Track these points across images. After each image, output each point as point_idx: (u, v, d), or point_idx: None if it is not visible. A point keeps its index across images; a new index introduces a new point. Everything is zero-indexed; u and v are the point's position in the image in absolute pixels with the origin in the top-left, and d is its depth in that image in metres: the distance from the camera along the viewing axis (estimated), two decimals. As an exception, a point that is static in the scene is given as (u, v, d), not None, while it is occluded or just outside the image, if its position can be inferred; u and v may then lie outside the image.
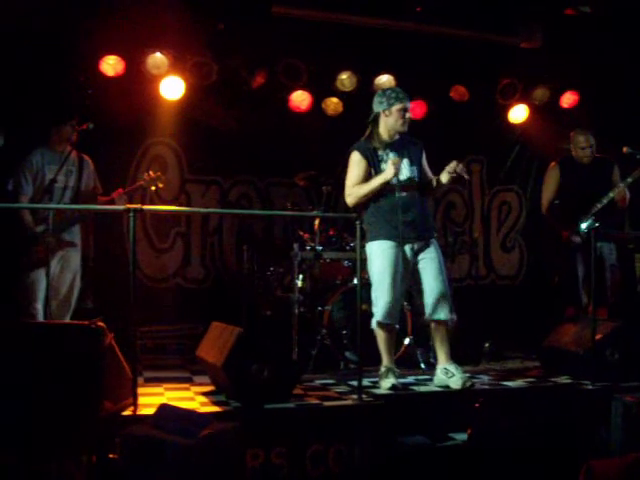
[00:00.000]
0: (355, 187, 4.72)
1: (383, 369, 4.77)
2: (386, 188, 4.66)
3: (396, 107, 4.68)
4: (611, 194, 5.59)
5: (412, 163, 4.78)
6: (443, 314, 4.69)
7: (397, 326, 4.80)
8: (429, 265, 4.71)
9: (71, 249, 5.19)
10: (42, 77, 5.82)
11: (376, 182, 4.65)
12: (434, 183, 4.80)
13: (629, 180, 5.56)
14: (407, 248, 4.71)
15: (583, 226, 5.63)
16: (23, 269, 5.01)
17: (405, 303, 5.36)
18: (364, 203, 4.77)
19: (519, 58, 6.99)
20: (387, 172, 4.60)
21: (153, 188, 5.38)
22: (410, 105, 4.74)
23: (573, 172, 5.83)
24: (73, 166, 5.20)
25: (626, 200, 5.66)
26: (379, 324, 4.71)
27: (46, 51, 5.75)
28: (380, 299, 4.69)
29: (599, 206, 5.60)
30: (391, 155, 4.66)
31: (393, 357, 4.86)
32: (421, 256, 4.74)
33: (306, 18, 6.40)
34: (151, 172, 5.33)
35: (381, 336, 4.76)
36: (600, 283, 5.27)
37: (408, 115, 4.72)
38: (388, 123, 4.72)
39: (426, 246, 4.75)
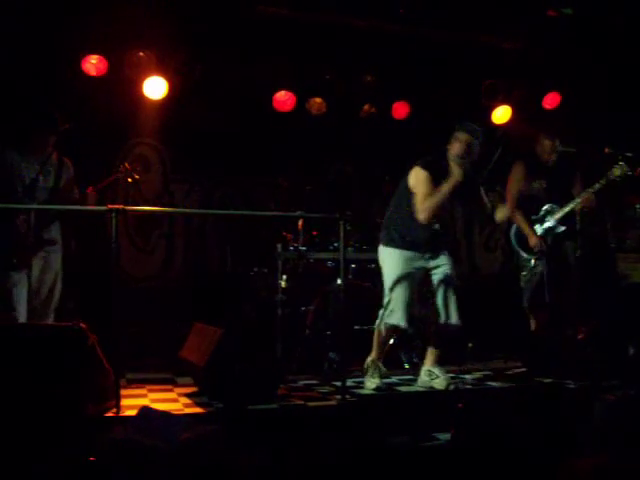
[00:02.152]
0: (426, 201, 4.67)
1: (370, 363, 4.82)
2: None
3: (462, 136, 4.70)
4: (578, 199, 5.57)
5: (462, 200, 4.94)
6: (453, 319, 4.80)
7: (405, 327, 4.82)
8: (440, 273, 4.84)
9: (52, 250, 5.13)
10: (24, 77, 5.77)
11: (446, 187, 4.64)
12: (499, 215, 5.02)
13: (597, 186, 5.55)
14: (419, 254, 4.82)
15: (540, 230, 5.67)
16: (4, 270, 4.95)
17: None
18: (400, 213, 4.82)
19: (502, 59, 7.02)
20: (454, 175, 4.62)
21: (130, 180, 5.29)
22: (477, 144, 4.71)
23: (540, 174, 5.81)
24: (51, 166, 5.13)
25: (593, 205, 5.62)
26: (390, 325, 4.78)
27: (28, 51, 5.70)
28: (393, 303, 4.76)
29: (565, 210, 5.60)
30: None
31: (383, 354, 4.91)
32: (434, 263, 4.86)
33: (289, 18, 6.38)
34: (126, 164, 5.27)
35: (382, 335, 4.86)
36: (566, 283, 5.31)
37: (472, 151, 4.69)
38: (452, 150, 4.73)
39: (439, 255, 4.87)
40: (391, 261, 4.83)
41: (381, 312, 4.83)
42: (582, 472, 2.80)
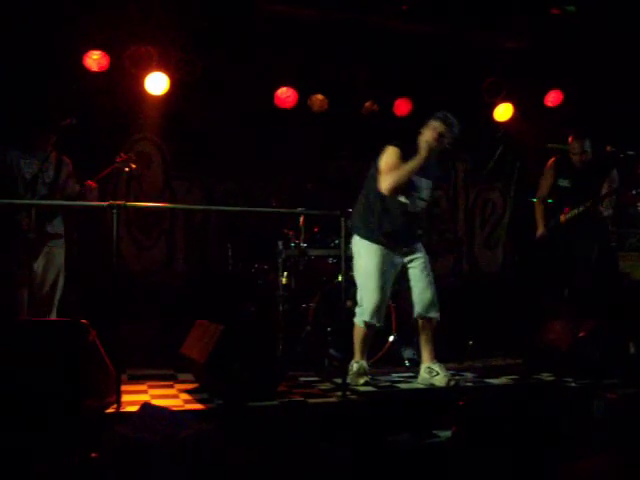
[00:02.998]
0: (392, 173, 4.67)
1: (355, 365, 4.81)
2: (398, 203, 4.70)
3: (435, 125, 4.69)
4: (587, 204, 5.60)
5: (433, 184, 4.91)
6: (432, 312, 4.80)
7: (379, 325, 4.84)
8: (418, 265, 4.84)
9: (55, 246, 5.13)
10: (25, 71, 5.76)
11: (412, 163, 4.64)
12: None
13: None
14: (396, 250, 4.81)
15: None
16: (7, 266, 4.96)
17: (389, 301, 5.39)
18: (372, 201, 4.79)
19: (505, 57, 7.02)
20: (420, 153, 4.62)
21: (127, 169, 5.28)
22: (449, 135, 4.69)
23: (567, 173, 5.84)
24: (50, 163, 5.12)
25: (630, 202, 5.69)
26: (364, 323, 4.74)
27: (29, 46, 5.69)
28: (366, 299, 4.75)
29: (575, 212, 5.63)
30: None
31: (365, 354, 4.89)
32: (410, 257, 4.85)
33: (290, 14, 6.37)
34: (122, 153, 5.26)
35: (361, 334, 4.82)
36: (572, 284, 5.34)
37: (442, 140, 4.67)
38: (424, 136, 4.72)
39: (414, 248, 4.87)
40: (368, 255, 4.80)
41: (357, 309, 4.83)
42: (582, 472, 2.81)
